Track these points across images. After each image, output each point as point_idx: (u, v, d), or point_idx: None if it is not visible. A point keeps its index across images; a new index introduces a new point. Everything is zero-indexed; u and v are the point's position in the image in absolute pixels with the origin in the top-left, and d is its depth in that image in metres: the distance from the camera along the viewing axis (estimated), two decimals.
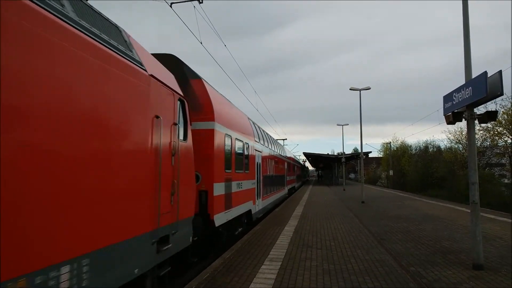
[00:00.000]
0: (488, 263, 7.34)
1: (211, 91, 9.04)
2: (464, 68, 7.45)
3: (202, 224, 7.75)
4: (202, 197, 8.03)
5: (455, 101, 7.55)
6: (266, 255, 8.30)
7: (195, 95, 8.46)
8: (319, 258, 7.96)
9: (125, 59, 4.37)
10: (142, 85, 4.72)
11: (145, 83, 4.81)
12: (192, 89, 8.46)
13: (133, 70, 4.54)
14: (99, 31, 4.00)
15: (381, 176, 72.40)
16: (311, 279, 6.46)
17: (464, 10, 7.47)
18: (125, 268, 4.22)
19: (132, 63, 4.55)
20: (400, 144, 59.85)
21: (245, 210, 11.77)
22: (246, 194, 11.97)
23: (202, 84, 8.78)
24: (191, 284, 6.23)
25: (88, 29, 3.75)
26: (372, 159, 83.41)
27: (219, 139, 8.78)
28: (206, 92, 8.68)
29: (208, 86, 8.99)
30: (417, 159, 51.08)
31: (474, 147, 7.48)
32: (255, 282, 6.26)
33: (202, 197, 8.03)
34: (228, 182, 9.48)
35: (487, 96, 6.58)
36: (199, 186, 7.79)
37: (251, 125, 14.22)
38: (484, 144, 31.74)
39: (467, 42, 7.39)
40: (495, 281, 6.31)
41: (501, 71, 6.45)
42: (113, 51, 4.12)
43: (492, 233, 10.76)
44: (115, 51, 4.19)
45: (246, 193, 11.96)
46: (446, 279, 6.45)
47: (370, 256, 8.17)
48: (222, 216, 8.80)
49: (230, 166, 9.80)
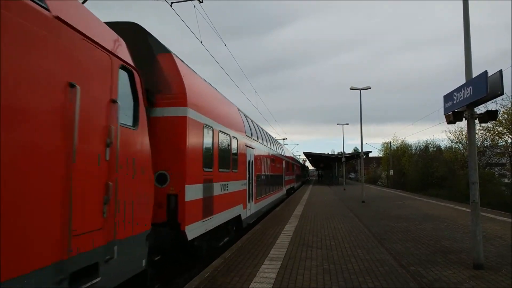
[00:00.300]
0: (488, 262, 7.34)
1: (183, 69, 7.16)
2: (464, 67, 7.45)
3: (169, 238, 6.24)
4: (170, 202, 6.42)
5: (455, 101, 7.55)
6: (267, 254, 8.30)
7: (163, 74, 6.73)
8: (319, 258, 7.96)
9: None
10: (36, 29, 3.14)
11: (43, 27, 3.23)
12: (159, 66, 6.74)
13: (16, 5, 2.97)
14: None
15: (381, 176, 72.36)
16: (311, 279, 6.46)
17: (465, 10, 7.47)
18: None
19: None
20: (401, 144, 59.83)
21: (233, 216, 10.16)
22: (234, 197, 10.34)
23: (172, 59, 6.86)
24: (191, 283, 6.23)
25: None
26: (372, 159, 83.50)
27: (194, 130, 7.06)
28: (177, 69, 6.80)
29: (180, 62, 7.16)
30: (417, 158, 51.03)
31: (475, 146, 7.48)
32: (255, 282, 6.26)
33: (170, 203, 6.42)
34: (208, 183, 7.76)
35: (488, 96, 6.58)
36: (166, 189, 6.38)
37: (242, 118, 12.54)
38: (484, 144, 31.72)
39: (467, 42, 7.38)
40: (495, 280, 6.31)
41: (501, 71, 6.44)
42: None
43: (492, 233, 10.76)
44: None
45: (234, 195, 10.34)
46: (446, 278, 6.45)
47: (370, 255, 8.16)
48: (198, 227, 7.13)
49: (211, 164, 8.08)
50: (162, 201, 6.35)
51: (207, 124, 7.83)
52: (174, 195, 6.43)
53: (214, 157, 8.36)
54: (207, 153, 7.90)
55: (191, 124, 6.86)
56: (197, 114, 7.25)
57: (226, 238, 9.76)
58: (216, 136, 8.60)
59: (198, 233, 7.11)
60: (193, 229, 6.82)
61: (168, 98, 6.64)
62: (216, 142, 8.53)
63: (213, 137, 8.35)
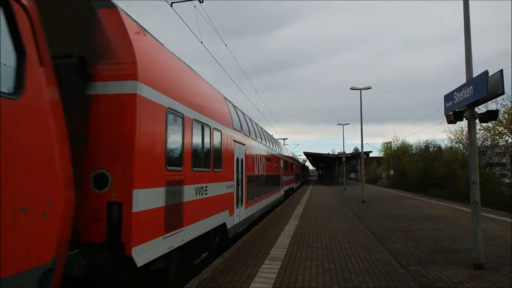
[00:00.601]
0: (488, 262, 7.33)
1: (134, 29, 5.36)
2: (464, 67, 7.45)
3: (107, 266, 4.61)
4: (112, 214, 4.70)
5: (456, 100, 7.54)
6: (267, 254, 8.30)
7: (104, 35, 4.99)
8: (320, 258, 7.95)
9: None
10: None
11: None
12: (99, 25, 4.98)
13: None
14: None
15: (381, 176, 72.34)
16: (312, 279, 6.45)
17: (465, 9, 7.46)
18: None
19: None
20: (401, 144, 59.83)
21: (215, 225, 8.41)
22: (216, 202, 8.52)
23: (117, 15, 5.09)
24: (192, 283, 6.23)
25: None
26: (373, 159, 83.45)
27: (151, 115, 5.25)
28: (124, 29, 5.05)
29: (129, 21, 5.34)
30: (417, 158, 51.02)
31: (475, 146, 7.47)
32: (255, 282, 6.26)
33: (112, 215, 4.70)
34: (174, 186, 5.99)
35: (488, 95, 6.58)
36: (106, 195, 4.71)
37: (229, 109, 10.64)
38: (485, 144, 31.70)
39: (468, 41, 7.37)
40: (496, 280, 6.30)
41: (502, 70, 6.44)
42: None
43: (492, 233, 10.75)
44: None
45: (216, 200, 8.53)
46: (446, 278, 6.44)
47: (371, 255, 8.16)
48: (156, 246, 5.33)
49: (179, 161, 6.32)
50: (101, 212, 4.67)
51: (173, 109, 6.03)
52: (117, 204, 4.70)
53: (185, 153, 6.53)
54: (174, 147, 6.14)
55: (145, 105, 5.09)
56: (156, 93, 5.43)
57: (205, 254, 7.86)
58: (189, 126, 6.80)
59: (156, 254, 5.34)
60: (146, 250, 5.04)
61: (111, 69, 4.94)
62: (188, 134, 6.76)
63: (184, 126, 6.52)
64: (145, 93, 5.13)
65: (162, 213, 5.54)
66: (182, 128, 6.48)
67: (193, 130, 7.00)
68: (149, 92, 5.26)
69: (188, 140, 6.75)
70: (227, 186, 9.60)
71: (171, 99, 6.02)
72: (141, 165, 4.97)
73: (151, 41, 6.04)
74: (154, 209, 5.29)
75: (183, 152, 6.48)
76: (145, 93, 5.13)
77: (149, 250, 5.13)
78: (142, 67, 5.13)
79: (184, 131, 6.53)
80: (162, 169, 5.63)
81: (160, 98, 5.59)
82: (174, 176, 6.04)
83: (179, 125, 6.38)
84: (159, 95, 5.56)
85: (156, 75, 5.64)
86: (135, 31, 5.39)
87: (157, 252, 5.38)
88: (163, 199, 5.57)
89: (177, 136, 6.31)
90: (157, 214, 5.42)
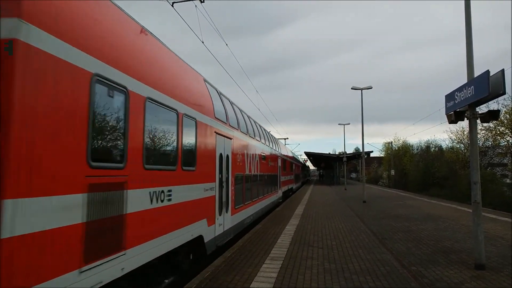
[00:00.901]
0: (490, 263, 7.32)
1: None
2: (465, 67, 7.44)
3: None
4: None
5: (457, 100, 7.53)
6: (268, 254, 8.30)
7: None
8: (320, 257, 7.95)
9: None
10: None
11: None
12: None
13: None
14: None
15: (382, 176, 72.31)
16: (312, 278, 6.45)
17: (467, 9, 7.45)
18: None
19: None
20: (402, 144, 59.80)
21: (185, 241, 6.57)
22: (187, 210, 6.76)
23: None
24: (193, 282, 6.23)
25: None
26: (374, 159, 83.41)
27: (51, 76, 3.42)
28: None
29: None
30: (418, 158, 50.98)
31: (476, 146, 7.46)
32: (256, 281, 6.26)
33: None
34: (105, 192, 4.21)
35: (489, 95, 6.57)
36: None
37: (209, 93, 8.79)
38: (486, 144, 31.66)
39: (469, 41, 7.36)
40: (497, 281, 6.29)
41: (503, 70, 6.43)
42: None
43: (493, 233, 10.74)
44: None
45: (188, 208, 6.81)
46: (448, 278, 6.44)
47: (372, 255, 8.15)
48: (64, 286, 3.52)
49: (118, 155, 4.56)
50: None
51: (106, 77, 4.25)
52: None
53: (130, 143, 4.77)
54: (107, 133, 4.51)
55: (37, 58, 3.28)
56: (67, 46, 3.64)
57: (167, 280, 6.33)
58: (138, 105, 5.03)
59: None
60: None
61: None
62: (137, 117, 5.00)
63: (129, 105, 4.75)
64: (37, 40, 3.27)
65: (78, 234, 3.71)
66: (126, 107, 4.68)
67: (146, 113, 5.20)
68: (48, 41, 3.40)
69: (136, 126, 4.95)
70: (205, 189, 7.80)
71: (102, 62, 4.22)
72: (23, 158, 3.09)
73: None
74: (56, 230, 3.43)
75: (126, 143, 4.67)
76: (37, 40, 3.27)
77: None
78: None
79: (128, 112, 4.72)
80: (80, 165, 3.79)
81: (78, 56, 3.81)
82: (106, 177, 4.26)
83: (119, 103, 4.59)
84: (75, 51, 3.76)
85: (69, 18, 3.79)
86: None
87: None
88: (80, 213, 3.75)
89: (115, 118, 4.52)
90: (66, 236, 3.55)
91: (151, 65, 5.70)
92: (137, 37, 5.50)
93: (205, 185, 7.83)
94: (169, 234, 5.86)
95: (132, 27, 5.42)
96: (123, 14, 5.18)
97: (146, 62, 5.55)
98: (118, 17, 5.05)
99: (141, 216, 4.98)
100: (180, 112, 6.49)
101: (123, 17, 5.18)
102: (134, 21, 5.47)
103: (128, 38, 5.18)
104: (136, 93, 4.96)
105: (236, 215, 10.66)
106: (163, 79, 6.00)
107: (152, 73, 5.61)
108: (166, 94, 5.93)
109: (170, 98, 6.09)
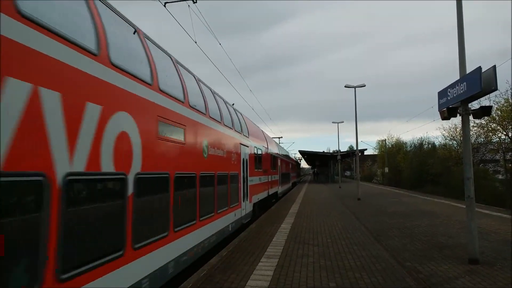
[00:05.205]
0: (483, 257, 7.40)
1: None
2: (458, 64, 7.50)
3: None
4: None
5: (449, 97, 7.59)
6: (263, 252, 8.30)
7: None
8: (316, 255, 7.97)
9: None
10: None
11: None
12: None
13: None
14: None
15: (376, 173, 72.68)
16: (308, 275, 6.46)
17: (458, 5, 7.51)
18: None
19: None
20: (395, 141, 60.15)
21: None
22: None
23: None
24: (189, 280, 6.21)
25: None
26: (368, 157, 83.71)
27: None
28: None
29: None
30: (412, 156, 51.32)
31: (469, 142, 7.53)
32: (252, 279, 6.26)
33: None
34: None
35: (482, 92, 6.63)
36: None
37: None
38: (478, 141, 31.94)
39: (461, 38, 7.41)
40: (490, 275, 6.36)
41: (495, 66, 6.49)
42: None
43: (487, 228, 10.84)
44: None
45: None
46: (442, 273, 6.49)
47: (367, 252, 8.19)
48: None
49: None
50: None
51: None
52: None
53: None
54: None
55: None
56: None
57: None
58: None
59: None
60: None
61: None
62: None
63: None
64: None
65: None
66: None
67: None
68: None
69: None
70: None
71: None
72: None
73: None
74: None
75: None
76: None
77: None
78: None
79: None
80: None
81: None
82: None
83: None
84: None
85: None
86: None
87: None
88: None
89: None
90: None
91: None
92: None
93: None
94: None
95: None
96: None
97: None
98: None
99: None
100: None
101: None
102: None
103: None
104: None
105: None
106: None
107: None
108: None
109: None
